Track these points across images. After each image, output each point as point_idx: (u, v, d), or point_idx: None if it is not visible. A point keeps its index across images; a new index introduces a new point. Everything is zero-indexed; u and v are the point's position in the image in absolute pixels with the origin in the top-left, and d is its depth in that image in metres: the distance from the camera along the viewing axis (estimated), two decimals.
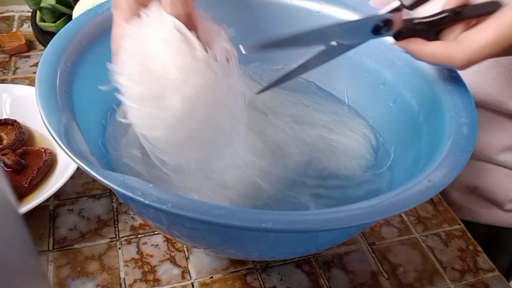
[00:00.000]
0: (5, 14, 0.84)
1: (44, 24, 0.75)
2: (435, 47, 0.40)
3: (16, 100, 0.60)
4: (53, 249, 0.49)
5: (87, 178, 0.56)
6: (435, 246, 0.54)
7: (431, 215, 0.58)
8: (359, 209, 0.32)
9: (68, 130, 0.35)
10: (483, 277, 0.52)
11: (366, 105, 0.55)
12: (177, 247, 0.50)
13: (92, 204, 0.53)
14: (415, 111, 0.47)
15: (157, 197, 0.31)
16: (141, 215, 0.43)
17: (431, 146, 0.42)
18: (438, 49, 0.40)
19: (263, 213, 0.33)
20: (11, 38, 0.75)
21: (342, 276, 0.50)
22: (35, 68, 0.72)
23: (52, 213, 0.52)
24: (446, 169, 0.36)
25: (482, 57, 0.38)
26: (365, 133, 0.52)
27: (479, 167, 0.63)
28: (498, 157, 0.61)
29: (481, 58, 0.38)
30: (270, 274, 0.49)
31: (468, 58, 0.38)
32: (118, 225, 0.52)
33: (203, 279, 0.48)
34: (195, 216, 0.30)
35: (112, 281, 0.47)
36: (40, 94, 0.38)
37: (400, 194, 0.34)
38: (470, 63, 0.39)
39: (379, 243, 0.53)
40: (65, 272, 0.47)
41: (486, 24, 0.38)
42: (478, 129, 0.40)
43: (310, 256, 0.51)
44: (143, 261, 0.49)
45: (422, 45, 0.40)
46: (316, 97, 0.56)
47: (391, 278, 0.50)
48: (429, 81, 0.46)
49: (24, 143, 0.56)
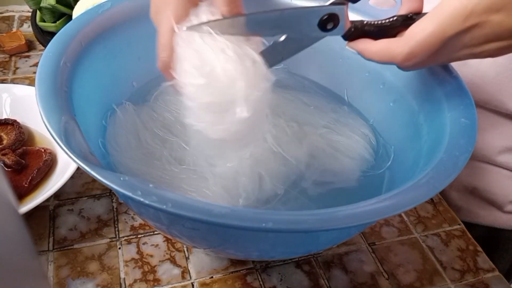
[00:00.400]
0: (5, 14, 0.85)
1: (44, 24, 0.75)
2: (379, 45, 0.39)
3: (16, 100, 0.60)
4: (53, 249, 0.49)
5: (87, 178, 0.56)
6: (435, 246, 0.54)
7: (431, 215, 0.58)
8: (359, 209, 0.33)
9: (68, 130, 0.35)
10: (483, 277, 0.52)
11: (366, 105, 0.55)
12: (177, 247, 0.50)
13: (92, 204, 0.53)
14: (415, 111, 0.47)
15: (157, 197, 0.31)
16: (141, 215, 0.43)
17: (431, 146, 0.42)
18: (381, 46, 0.39)
19: (263, 213, 0.33)
20: (11, 38, 0.75)
21: (342, 276, 0.50)
22: (35, 68, 0.72)
23: (52, 213, 0.52)
24: (446, 169, 0.36)
25: (426, 49, 0.37)
26: (365, 133, 0.52)
27: (478, 168, 0.63)
28: (498, 158, 0.61)
29: (424, 51, 0.37)
30: (270, 274, 0.49)
31: (410, 50, 0.37)
32: (118, 225, 0.52)
33: (203, 279, 0.48)
34: (195, 216, 0.30)
35: (112, 281, 0.47)
36: (40, 94, 0.38)
37: (400, 194, 0.34)
38: (412, 56, 0.38)
39: (379, 243, 0.53)
40: (65, 272, 0.47)
41: (426, 16, 0.37)
42: (479, 128, 0.40)
43: (310, 256, 0.51)
44: (143, 261, 0.49)
45: (369, 44, 0.40)
46: (317, 96, 0.56)
47: (391, 278, 0.50)
48: (429, 81, 0.46)
49: (24, 143, 0.56)
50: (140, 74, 0.54)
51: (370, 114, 0.54)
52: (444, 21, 0.36)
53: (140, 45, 0.52)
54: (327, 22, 0.40)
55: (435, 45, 0.37)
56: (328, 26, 0.40)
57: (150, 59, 0.54)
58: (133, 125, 0.48)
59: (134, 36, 0.51)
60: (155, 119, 0.50)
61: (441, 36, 0.36)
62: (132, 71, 0.53)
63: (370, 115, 0.54)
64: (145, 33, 0.52)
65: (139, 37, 0.52)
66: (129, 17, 0.50)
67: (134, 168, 0.44)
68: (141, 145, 0.47)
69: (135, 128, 0.48)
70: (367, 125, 0.53)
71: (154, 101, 0.51)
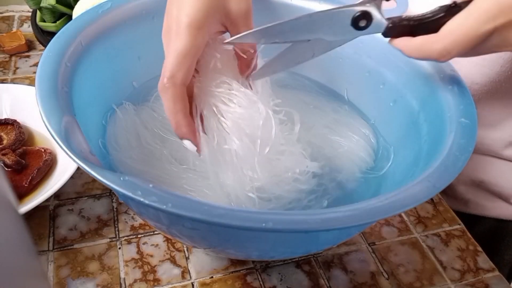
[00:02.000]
0: (5, 14, 0.84)
1: (44, 24, 0.75)
2: (416, 42, 0.39)
3: (16, 100, 0.60)
4: (53, 249, 0.49)
5: (87, 178, 0.56)
6: (435, 246, 0.54)
7: (431, 215, 0.58)
8: (359, 209, 0.33)
9: (68, 130, 0.35)
10: (483, 277, 0.52)
11: (367, 105, 0.55)
12: (177, 247, 0.50)
13: (92, 204, 0.53)
14: (415, 111, 0.47)
15: (157, 197, 0.31)
16: (141, 215, 0.43)
17: (431, 146, 0.42)
18: (418, 43, 0.39)
19: (263, 213, 0.33)
20: (11, 38, 0.75)
21: (342, 276, 0.50)
22: (35, 68, 0.72)
23: (52, 213, 0.52)
24: (446, 169, 0.36)
25: (461, 46, 0.37)
26: (366, 133, 0.52)
27: (485, 161, 0.63)
28: (504, 152, 0.61)
29: (460, 48, 0.37)
30: (270, 274, 0.49)
31: (444, 48, 0.37)
32: (118, 225, 0.52)
33: (203, 279, 0.48)
34: (195, 216, 0.30)
35: (112, 281, 0.47)
36: (40, 94, 0.38)
37: (400, 194, 0.34)
38: (447, 53, 0.37)
39: (379, 243, 0.53)
40: (65, 272, 0.47)
41: (463, 11, 0.37)
42: (485, 123, 0.40)
43: (310, 256, 0.51)
44: (143, 261, 0.49)
45: (408, 41, 0.40)
46: (317, 96, 0.56)
47: (391, 278, 0.50)
48: (429, 81, 0.46)
49: (24, 143, 0.56)
50: (140, 74, 0.54)
51: (371, 114, 0.54)
52: (478, 18, 0.36)
53: (140, 45, 0.52)
54: (359, 20, 0.39)
55: (470, 42, 0.37)
56: (361, 24, 0.39)
57: (150, 59, 0.54)
58: (133, 125, 0.48)
59: (134, 36, 0.51)
60: (155, 119, 0.50)
61: (476, 34, 0.36)
62: (132, 71, 0.53)
63: (370, 115, 0.54)
64: (145, 33, 0.52)
65: (139, 37, 0.52)
66: (129, 17, 0.50)
67: (134, 168, 0.44)
68: (141, 145, 0.47)
69: (135, 128, 0.48)
70: (367, 125, 0.53)
71: (154, 101, 0.51)
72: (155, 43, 0.54)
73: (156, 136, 0.48)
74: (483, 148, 0.62)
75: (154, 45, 0.54)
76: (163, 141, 0.48)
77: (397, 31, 0.40)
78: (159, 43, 0.55)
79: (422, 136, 0.45)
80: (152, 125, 0.49)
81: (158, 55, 0.55)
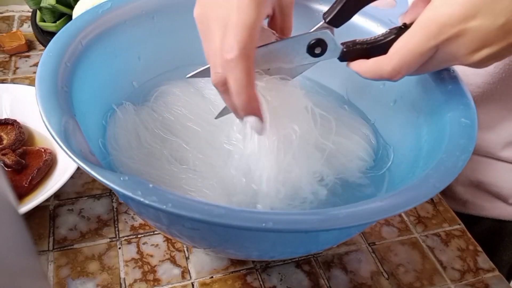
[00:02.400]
0: (5, 14, 0.85)
1: (44, 24, 0.75)
2: (369, 63, 0.40)
3: (16, 100, 0.60)
4: (53, 249, 0.49)
5: (87, 178, 0.56)
6: (435, 246, 0.54)
7: (431, 215, 0.58)
8: (359, 209, 0.33)
9: (68, 130, 0.35)
10: (483, 277, 0.52)
11: (367, 105, 0.55)
12: (177, 247, 0.50)
13: (92, 204, 0.53)
14: (415, 111, 0.47)
15: (157, 197, 0.31)
16: (141, 215, 0.43)
17: (431, 146, 0.42)
18: (371, 65, 0.40)
19: (263, 213, 0.33)
20: (11, 38, 0.75)
21: (342, 276, 0.50)
22: (35, 68, 0.72)
23: (52, 213, 0.52)
24: (446, 169, 0.36)
25: (408, 65, 0.37)
26: (366, 133, 0.52)
27: (483, 162, 0.63)
28: (501, 153, 0.61)
29: (407, 66, 0.37)
30: (270, 274, 0.49)
31: (393, 68, 0.38)
32: (118, 225, 0.52)
33: (203, 279, 0.48)
34: (195, 216, 0.30)
35: (112, 281, 0.47)
36: (40, 94, 0.38)
37: (400, 194, 0.34)
38: (396, 72, 0.38)
39: (379, 243, 0.53)
40: (65, 272, 0.47)
41: (408, 31, 0.37)
42: (481, 125, 0.40)
43: (310, 256, 0.51)
44: (143, 261, 0.49)
45: (363, 63, 0.40)
46: (318, 95, 0.56)
47: (391, 278, 0.50)
48: (429, 81, 0.46)
49: (24, 143, 0.56)
50: (140, 74, 0.54)
51: (371, 114, 0.54)
52: (421, 37, 0.36)
53: (140, 45, 0.52)
54: (315, 47, 0.41)
55: (417, 60, 0.37)
56: (316, 51, 0.41)
57: (150, 59, 0.54)
58: (133, 125, 0.48)
59: (134, 36, 0.51)
60: (155, 119, 0.50)
61: (421, 52, 0.37)
62: (132, 71, 0.53)
63: (370, 115, 0.54)
64: (145, 33, 0.52)
65: (139, 37, 0.52)
66: (129, 17, 0.50)
67: (134, 168, 0.44)
68: (141, 145, 0.47)
69: (135, 128, 0.48)
70: (367, 125, 0.53)
71: (154, 101, 0.51)
72: (155, 43, 0.54)
73: (156, 136, 0.48)
74: (480, 149, 0.62)
75: (154, 45, 0.54)
76: (163, 141, 0.48)
77: (352, 54, 0.41)
78: (159, 43, 0.55)
79: (422, 136, 0.45)
80: (152, 125, 0.49)
81: (158, 55, 0.55)
